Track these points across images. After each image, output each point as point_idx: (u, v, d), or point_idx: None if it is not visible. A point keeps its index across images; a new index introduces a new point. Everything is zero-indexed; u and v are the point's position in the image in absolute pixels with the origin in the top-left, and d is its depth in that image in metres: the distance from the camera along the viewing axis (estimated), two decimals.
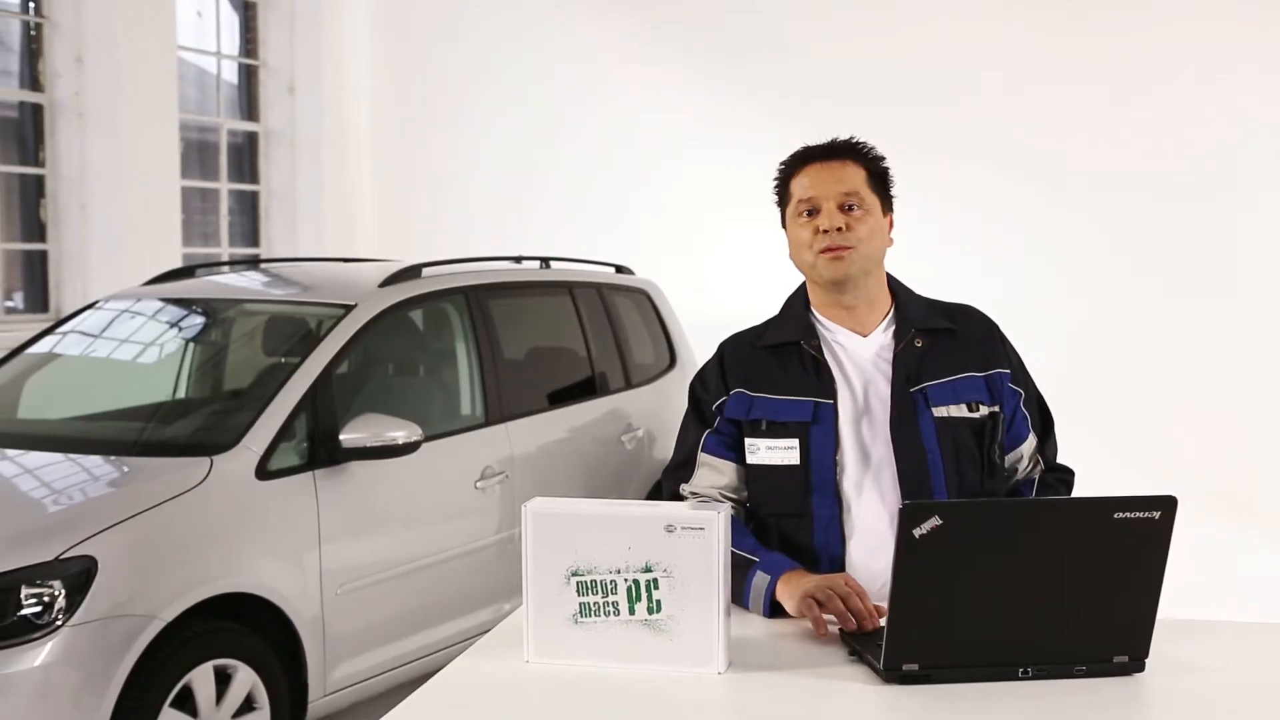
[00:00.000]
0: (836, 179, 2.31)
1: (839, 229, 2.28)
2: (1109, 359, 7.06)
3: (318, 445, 4.02)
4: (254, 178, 8.72)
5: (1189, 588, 5.55)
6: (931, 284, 2.59)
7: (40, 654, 3.18)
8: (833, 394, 2.30)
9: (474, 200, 8.64)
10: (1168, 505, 1.76)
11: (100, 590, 3.29)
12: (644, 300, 6.00)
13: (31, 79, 7.02)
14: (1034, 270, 7.33)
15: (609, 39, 8.37)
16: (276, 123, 8.73)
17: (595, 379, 5.50)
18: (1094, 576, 1.78)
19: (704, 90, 8.10)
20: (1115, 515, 1.75)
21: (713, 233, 8.13)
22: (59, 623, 3.23)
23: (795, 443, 2.29)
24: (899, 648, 1.76)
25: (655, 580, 1.82)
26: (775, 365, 2.36)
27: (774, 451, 2.31)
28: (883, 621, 1.82)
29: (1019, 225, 7.39)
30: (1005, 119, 7.35)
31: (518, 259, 5.58)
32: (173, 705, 3.45)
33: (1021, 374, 2.42)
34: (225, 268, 5.62)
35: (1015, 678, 1.79)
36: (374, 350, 4.80)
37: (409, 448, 4.11)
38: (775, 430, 2.31)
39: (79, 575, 3.29)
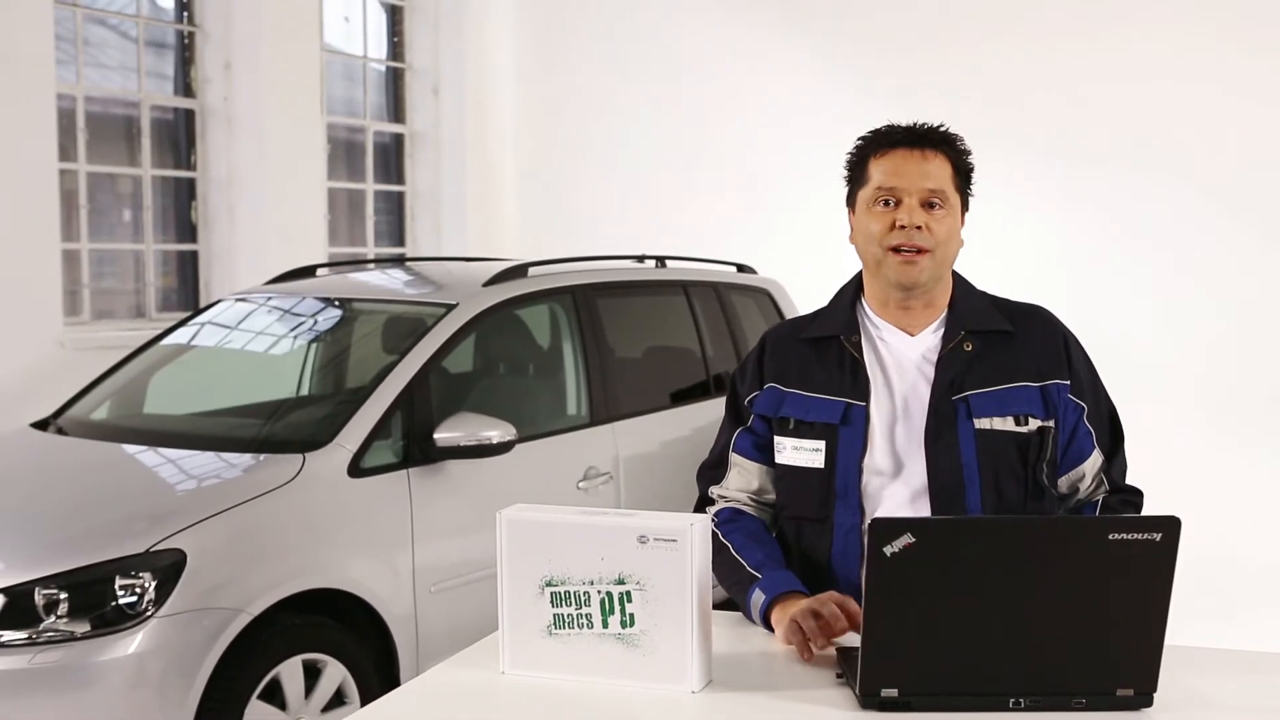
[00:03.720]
0: (923, 172, 2.11)
1: (918, 227, 2.10)
2: (1250, 364, 6.68)
3: (413, 444, 4.05)
4: (400, 178, 8.90)
5: None
6: (1063, 287, 2.39)
7: (132, 643, 3.28)
8: (866, 395, 2.15)
9: (615, 200, 8.65)
10: (1170, 527, 1.60)
11: (189, 583, 3.37)
12: (766, 300, 5.88)
13: (184, 85, 7.30)
14: (1171, 274, 7.03)
15: (751, 39, 8.28)
16: (422, 124, 8.88)
17: (710, 379, 5.42)
18: (1090, 602, 1.63)
19: (846, 88, 7.95)
20: (1111, 537, 1.60)
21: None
22: (149, 613, 3.32)
23: (821, 445, 2.15)
24: (876, 672, 1.65)
25: (629, 593, 1.74)
26: (814, 360, 2.21)
27: (799, 453, 2.17)
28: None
29: (1154, 228, 7.10)
30: (1149, 120, 7.07)
31: (639, 258, 5.53)
32: (261, 697, 3.52)
33: (1089, 386, 2.20)
34: (346, 267, 5.72)
35: (1006, 708, 1.66)
36: (477, 349, 4.82)
37: (503, 447, 4.10)
38: (802, 430, 2.18)
39: (169, 568, 3.38)
